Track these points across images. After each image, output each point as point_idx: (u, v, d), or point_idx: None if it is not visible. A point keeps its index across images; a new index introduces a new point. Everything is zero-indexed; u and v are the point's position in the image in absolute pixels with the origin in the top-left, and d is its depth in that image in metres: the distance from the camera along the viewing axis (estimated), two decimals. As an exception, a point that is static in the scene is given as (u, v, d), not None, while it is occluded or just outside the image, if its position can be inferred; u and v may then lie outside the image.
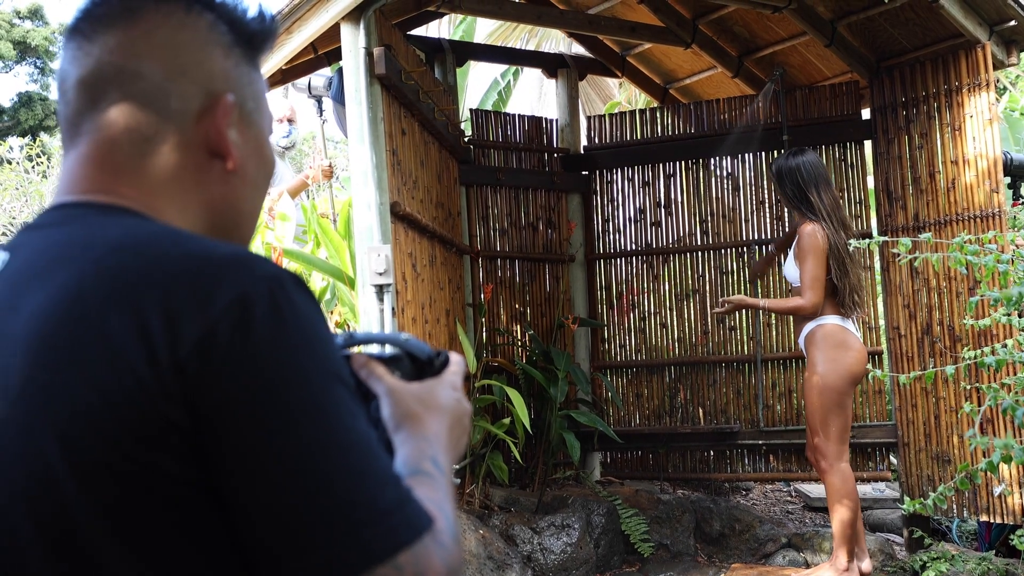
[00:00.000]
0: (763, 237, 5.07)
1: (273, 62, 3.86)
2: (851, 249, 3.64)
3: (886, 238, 3.09)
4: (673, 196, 5.27)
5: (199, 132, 0.83)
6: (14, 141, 10.71)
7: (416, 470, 0.78)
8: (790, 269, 3.85)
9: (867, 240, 2.98)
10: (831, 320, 3.74)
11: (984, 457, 2.43)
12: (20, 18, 18.97)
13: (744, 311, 5.03)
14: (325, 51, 4.48)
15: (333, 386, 0.69)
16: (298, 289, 0.72)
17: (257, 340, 0.67)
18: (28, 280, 0.74)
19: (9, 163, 9.93)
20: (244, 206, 0.88)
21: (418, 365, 0.88)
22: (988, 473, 2.71)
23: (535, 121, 5.38)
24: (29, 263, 0.75)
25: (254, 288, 0.69)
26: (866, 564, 3.76)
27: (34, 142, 11.18)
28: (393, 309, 3.41)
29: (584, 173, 5.40)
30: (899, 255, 2.68)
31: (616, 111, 5.77)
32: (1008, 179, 4.57)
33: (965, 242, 2.53)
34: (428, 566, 0.67)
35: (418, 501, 0.70)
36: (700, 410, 5.15)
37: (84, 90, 0.82)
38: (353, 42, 3.49)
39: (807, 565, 4.19)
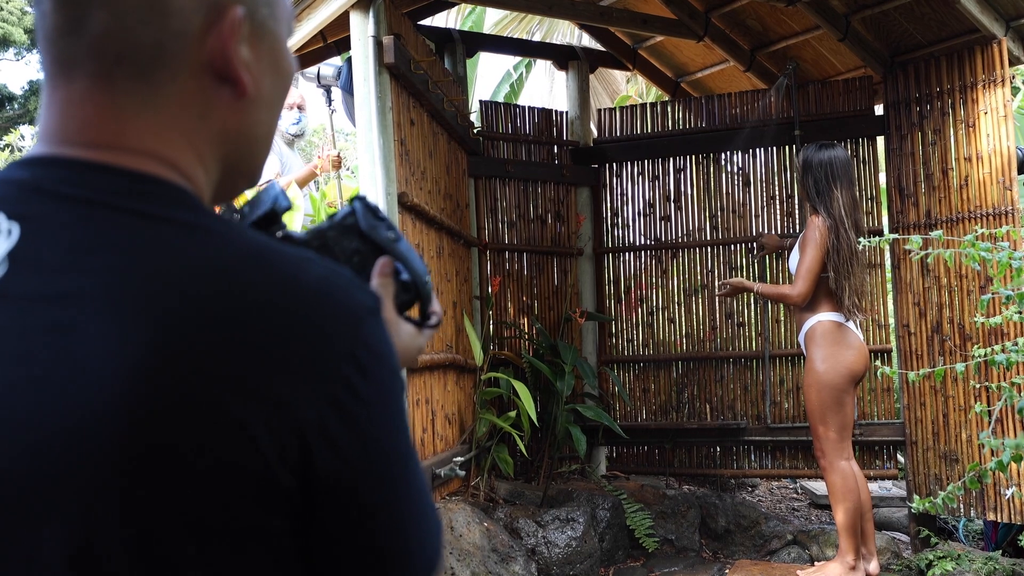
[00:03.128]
0: (773, 233, 5.04)
1: (282, 50, 3.84)
2: (858, 251, 3.60)
3: (897, 235, 3.06)
4: (683, 190, 5.24)
5: (203, 53, 0.70)
6: (25, 129, 10.75)
7: None
8: (794, 259, 3.82)
9: (877, 238, 2.95)
10: (830, 317, 3.71)
11: (993, 457, 2.40)
12: (32, 6, 19.04)
13: (746, 306, 5.02)
14: (335, 40, 4.47)
15: (408, 436, 0.71)
16: (382, 328, 0.68)
17: (364, 416, 0.65)
18: (68, 295, 0.62)
19: (20, 151, 9.95)
20: (259, 130, 0.76)
21: (406, 304, 0.84)
22: (997, 472, 2.69)
23: (545, 113, 5.36)
24: (54, 265, 0.63)
25: (358, 350, 0.65)
26: (873, 566, 3.73)
27: (45, 130, 11.17)
28: (400, 300, 3.39)
29: (594, 166, 5.37)
30: (911, 251, 2.65)
31: (627, 104, 5.74)
32: (1022, 176, 4.53)
33: (978, 238, 2.50)
34: None
35: (440, 524, 0.73)
36: (707, 406, 5.13)
37: (63, 5, 0.68)
38: (362, 30, 3.47)
39: (812, 562, 4.17)
